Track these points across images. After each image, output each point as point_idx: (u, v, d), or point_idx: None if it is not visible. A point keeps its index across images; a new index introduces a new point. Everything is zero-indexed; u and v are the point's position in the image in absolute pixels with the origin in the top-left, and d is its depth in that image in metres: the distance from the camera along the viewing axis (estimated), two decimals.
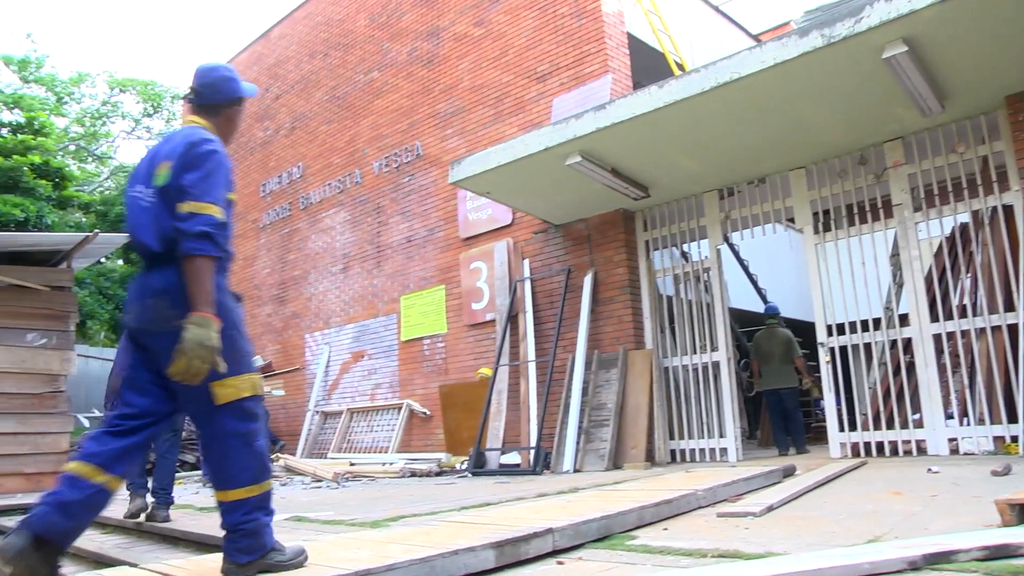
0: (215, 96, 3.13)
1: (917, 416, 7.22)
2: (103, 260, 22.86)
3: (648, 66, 10.34)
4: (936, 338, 7.12)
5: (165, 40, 58.40)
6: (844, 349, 7.78)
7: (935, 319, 7.16)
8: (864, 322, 7.62)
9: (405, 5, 12.69)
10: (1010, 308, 6.82)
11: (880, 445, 7.36)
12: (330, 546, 3.44)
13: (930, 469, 5.63)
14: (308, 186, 14.35)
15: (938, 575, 2.38)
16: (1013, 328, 6.73)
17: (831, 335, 7.74)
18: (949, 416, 7.05)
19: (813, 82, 6.51)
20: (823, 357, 7.73)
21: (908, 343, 7.37)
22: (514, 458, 9.18)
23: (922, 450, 7.08)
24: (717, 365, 8.54)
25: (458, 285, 10.96)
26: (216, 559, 3.02)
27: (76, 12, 55.10)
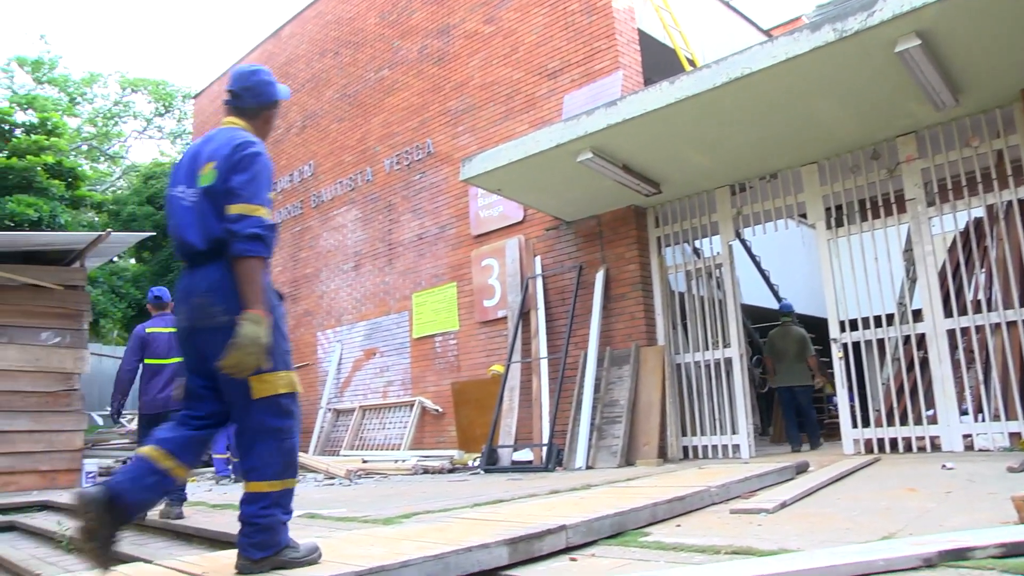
0: (254, 99, 3.22)
1: (931, 412, 7.17)
2: (116, 259, 23.02)
3: (659, 62, 10.31)
4: (950, 333, 7.08)
5: (176, 40, 58.69)
6: (857, 345, 7.74)
7: (949, 314, 7.12)
8: (877, 318, 7.58)
9: (415, 3, 12.69)
10: None
11: (894, 441, 7.32)
12: (343, 543, 3.45)
13: (945, 465, 5.60)
14: (319, 184, 14.38)
15: (954, 572, 2.35)
16: None
17: (844, 331, 7.71)
18: (964, 412, 7.00)
19: (825, 77, 6.47)
20: (836, 353, 7.69)
21: (922, 339, 7.33)
22: (526, 455, 9.18)
23: (936, 446, 7.04)
24: (729, 361, 8.52)
25: (470, 282, 10.97)
26: (230, 555, 3.04)
27: (88, 13, 55.43)
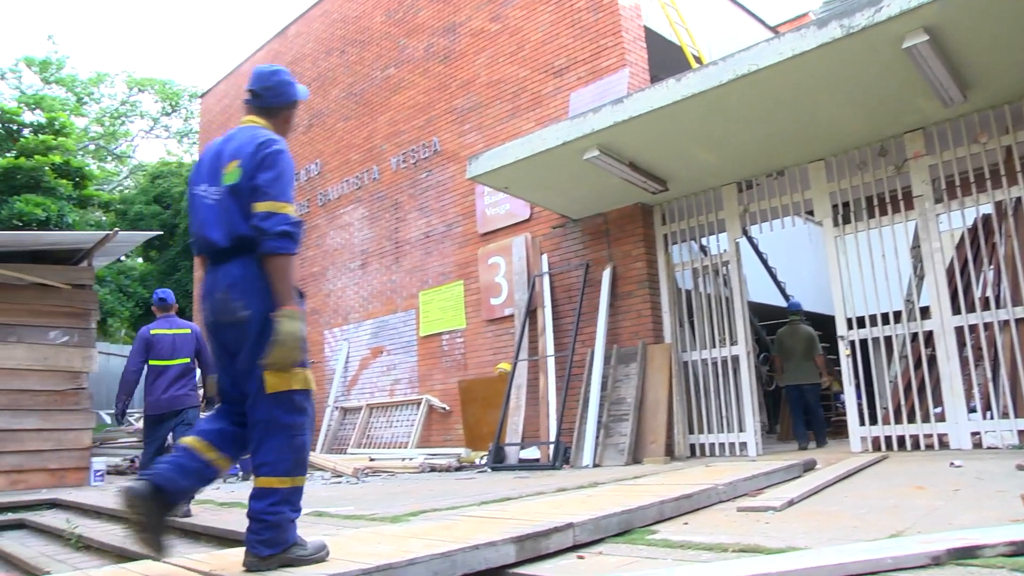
0: (275, 99, 3.27)
1: (939, 410, 7.15)
2: (123, 258, 23.12)
3: (665, 59, 10.29)
4: (958, 331, 7.05)
5: (182, 39, 58.81)
6: (864, 342, 7.70)
7: (957, 311, 7.09)
8: (884, 315, 7.56)
9: (421, 1, 12.69)
10: None
11: (901, 439, 7.30)
12: (351, 541, 3.45)
13: (953, 463, 5.58)
14: (326, 183, 14.40)
15: (963, 571, 2.34)
16: None
17: (851, 328, 7.69)
18: (972, 410, 6.98)
19: (832, 73, 6.45)
20: (843, 351, 7.67)
21: (929, 336, 7.30)
22: (533, 453, 9.18)
23: (944, 444, 7.02)
24: (736, 359, 8.50)
25: (476, 280, 10.97)
26: (238, 553, 3.05)
27: (95, 13, 55.57)
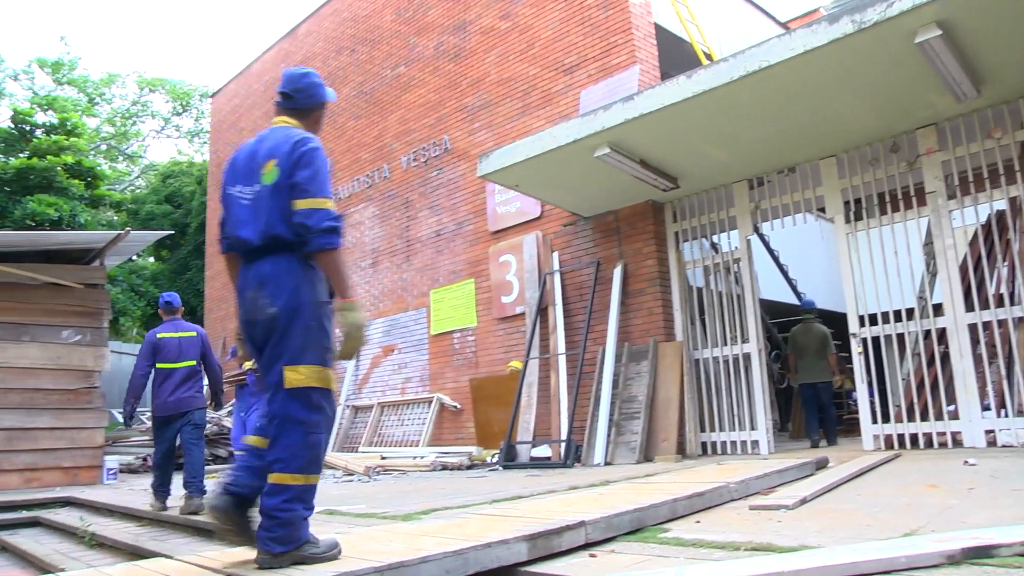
0: (306, 100, 3.36)
1: (952, 407, 7.11)
2: (135, 257, 23.23)
3: (676, 56, 10.27)
4: (972, 328, 7.00)
5: (193, 39, 59.01)
6: (876, 340, 7.67)
7: (970, 308, 7.04)
8: (897, 312, 7.51)
9: (431, 0, 12.70)
10: None
11: (914, 437, 7.26)
12: (363, 539, 3.46)
13: (967, 461, 5.54)
14: (336, 181, 14.41)
15: (978, 570, 2.32)
16: None
17: (863, 326, 7.65)
18: (986, 407, 6.93)
19: (844, 69, 6.41)
20: (855, 348, 7.63)
21: (942, 333, 7.26)
22: (545, 451, 9.18)
23: (958, 442, 6.97)
24: (748, 357, 8.47)
25: (487, 278, 10.97)
26: (249, 551, 3.06)
27: (106, 13, 55.82)
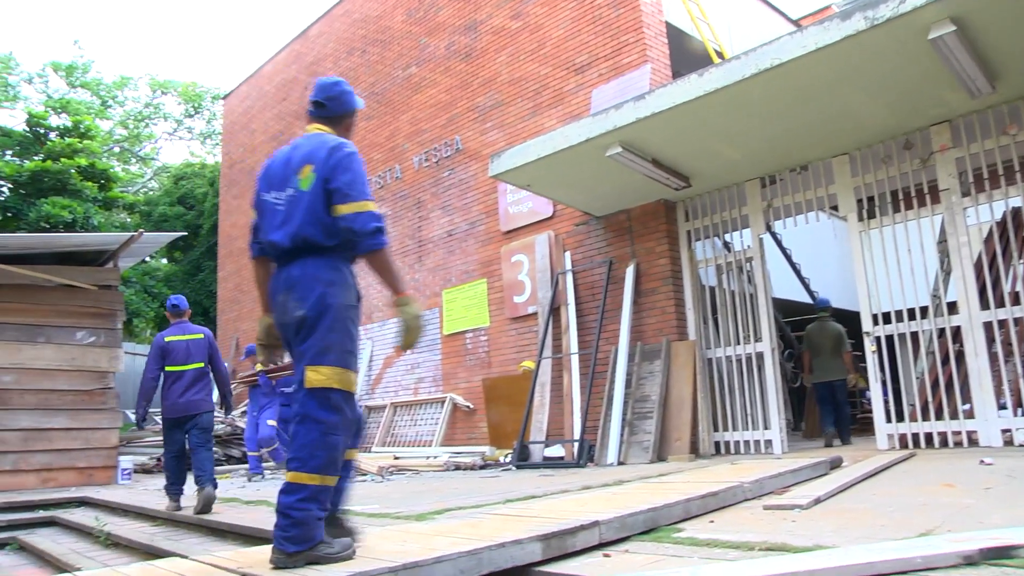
0: (339, 108, 3.45)
1: (967, 406, 7.06)
2: (148, 259, 23.36)
3: (687, 55, 10.25)
4: (987, 326, 6.95)
5: (204, 41, 59.25)
6: (890, 338, 7.63)
7: (985, 306, 6.99)
8: (911, 310, 7.47)
9: (442, 0, 12.71)
10: None
11: (929, 436, 7.21)
12: (377, 539, 3.46)
13: (983, 461, 5.50)
14: None
15: (997, 571, 2.30)
16: None
17: (877, 324, 7.61)
18: (1002, 406, 6.89)
19: (856, 66, 6.38)
20: (869, 347, 7.59)
21: (957, 331, 7.21)
22: (558, 451, 9.17)
23: (973, 441, 6.93)
24: (761, 356, 8.44)
25: (500, 278, 10.97)
26: (264, 551, 3.08)
27: (119, 16, 56.12)
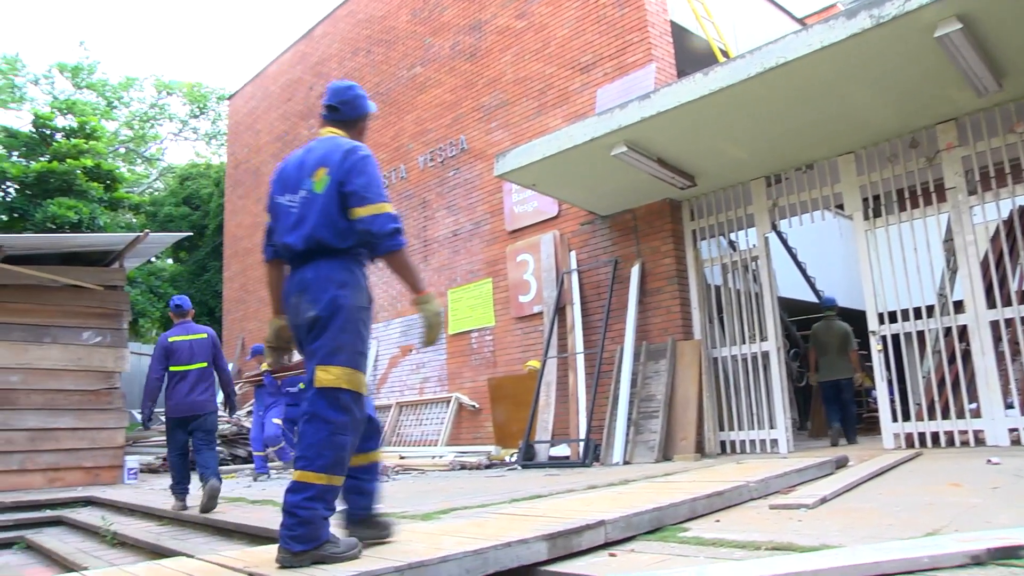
0: (352, 112, 3.49)
1: (974, 405, 7.04)
2: (153, 259, 23.41)
3: (692, 54, 10.23)
4: (994, 325, 6.92)
5: (209, 42, 59.35)
6: (896, 337, 7.61)
7: (992, 305, 6.97)
8: (917, 310, 7.45)
9: (446, 0, 12.71)
10: None
11: (935, 435, 7.19)
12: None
13: (990, 460, 5.48)
14: None
15: (1004, 571, 2.29)
16: None
17: (883, 323, 7.59)
18: (1009, 405, 6.87)
19: (862, 65, 6.36)
20: (875, 346, 7.57)
21: (963, 330, 7.19)
22: (563, 450, 9.17)
23: (980, 440, 6.91)
24: (767, 355, 8.43)
25: (505, 278, 10.97)
26: (270, 550, 3.08)
27: (124, 17, 56.24)
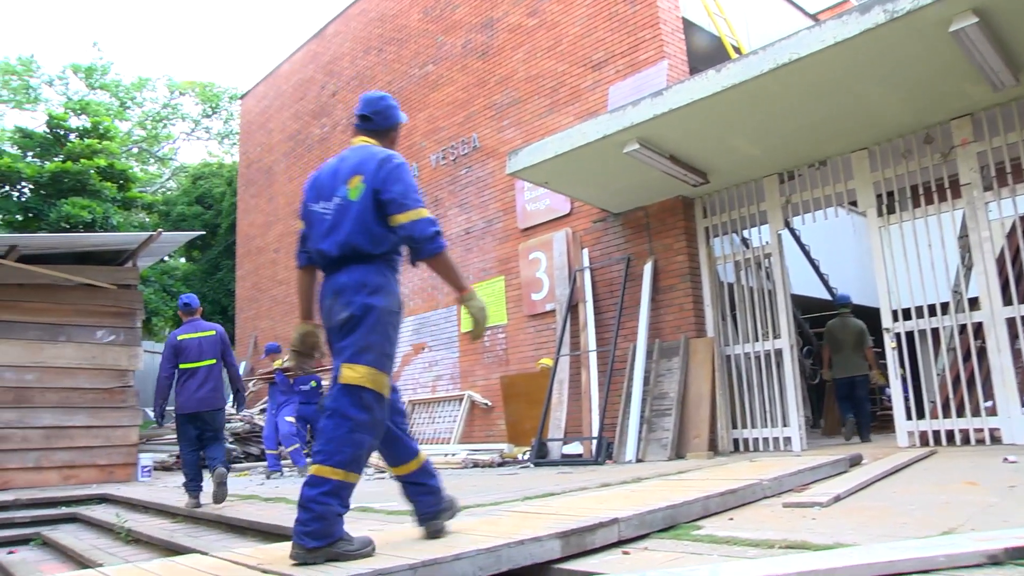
0: (384, 122, 3.55)
1: (990, 403, 6.98)
2: (166, 258, 23.54)
3: (704, 51, 10.20)
4: (1010, 322, 6.87)
5: (221, 41, 59.55)
6: (911, 335, 7.56)
7: (1008, 302, 6.91)
8: (931, 307, 7.40)
9: None
10: None
11: (950, 434, 7.15)
12: (397, 536, 3.48)
13: (1006, 459, 5.43)
14: None
15: (1022, 572, 2.28)
16: None
17: (897, 320, 7.55)
18: None
19: (875, 60, 6.32)
20: (889, 343, 7.53)
21: (979, 327, 7.13)
22: (576, 448, 9.17)
23: (996, 439, 6.85)
24: (780, 353, 8.40)
25: (517, 276, 10.97)
26: (284, 548, 3.10)
27: (137, 18, 56.50)
